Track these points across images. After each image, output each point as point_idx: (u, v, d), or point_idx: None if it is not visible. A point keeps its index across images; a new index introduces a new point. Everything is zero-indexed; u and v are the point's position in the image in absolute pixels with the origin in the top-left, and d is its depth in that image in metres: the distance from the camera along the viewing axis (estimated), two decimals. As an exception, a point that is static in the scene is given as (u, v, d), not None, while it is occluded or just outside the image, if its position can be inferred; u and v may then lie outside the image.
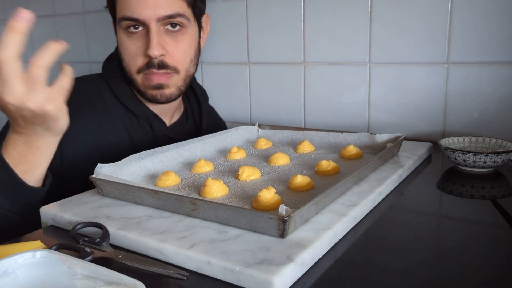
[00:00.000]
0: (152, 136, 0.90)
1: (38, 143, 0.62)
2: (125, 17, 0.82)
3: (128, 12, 0.81)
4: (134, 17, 0.81)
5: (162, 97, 0.86)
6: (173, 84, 0.86)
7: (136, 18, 0.81)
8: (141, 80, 0.85)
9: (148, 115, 0.89)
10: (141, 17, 0.81)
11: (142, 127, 0.89)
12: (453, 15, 0.91)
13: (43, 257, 0.39)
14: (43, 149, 0.63)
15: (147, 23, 0.81)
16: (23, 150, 0.62)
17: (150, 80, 0.84)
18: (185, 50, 0.86)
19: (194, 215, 0.53)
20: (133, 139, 0.87)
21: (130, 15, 0.81)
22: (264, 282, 0.39)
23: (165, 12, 0.81)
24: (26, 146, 0.62)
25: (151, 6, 0.80)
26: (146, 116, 0.89)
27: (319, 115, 1.11)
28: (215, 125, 1.09)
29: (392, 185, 0.66)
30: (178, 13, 0.82)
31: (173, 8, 0.82)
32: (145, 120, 0.89)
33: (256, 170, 0.70)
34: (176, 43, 0.84)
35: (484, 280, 0.42)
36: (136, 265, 0.45)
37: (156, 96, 0.86)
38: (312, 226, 0.49)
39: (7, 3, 1.80)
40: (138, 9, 0.80)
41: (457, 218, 0.59)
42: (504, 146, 0.78)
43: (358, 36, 1.02)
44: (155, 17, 0.81)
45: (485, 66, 0.90)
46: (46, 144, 0.63)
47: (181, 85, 0.88)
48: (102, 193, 0.63)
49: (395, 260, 0.46)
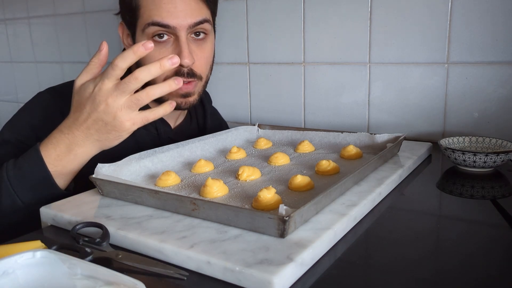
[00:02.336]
0: (157, 138, 0.90)
1: (78, 151, 0.65)
2: (155, 22, 0.80)
3: (158, 18, 0.79)
4: (165, 23, 0.79)
5: (186, 105, 0.87)
6: (196, 91, 0.87)
7: (167, 24, 0.79)
8: None
9: None
10: (172, 24, 0.79)
11: (148, 130, 0.89)
12: (453, 15, 0.91)
13: (43, 257, 0.39)
14: (80, 157, 0.66)
15: (177, 31, 0.80)
16: (61, 152, 0.65)
17: (179, 89, 0.83)
18: (208, 57, 0.88)
19: (194, 215, 0.53)
20: (138, 141, 0.87)
21: (160, 20, 0.79)
22: (264, 282, 0.39)
23: (195, 19, 0.81)
24: (66, 150, 0.65)
25: (181, 14, 0.80)
26: None
27: (319, 115, 1.11)
28: (219, 127, 1.09)
29: (392, 185, 0.66)
30: (205, 19, 0.83)
31: (202, 15, 0.83)
32: (151, 123, 0.89)
33: (256, 170, 0.70)
34: (201, 52, 0.85)
35: (484, 280, 0.42)
36: (136, 265, 0.45)
37: (180, 104, 0.86)
38: (312, 226, 0.49)
39: (7, 3, 1.80)
40: (168, 17, 0.79)
41: (457, 218, 0.59)
42: (504, 146, 0.78)
43: (358, 36, 1.02)
44: (186, 25, 0.80)
45: (485, 66, 0.90)
46: (85, 154, 0.66)
47: (201, 91, 0.89)
48: (102, 193, 0.63)
49: (395, 260, 0.46)
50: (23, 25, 1.76)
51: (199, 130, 1.01)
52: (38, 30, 1.72)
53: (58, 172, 0.65)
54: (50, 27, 1.66)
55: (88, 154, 0.67)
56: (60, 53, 1.66)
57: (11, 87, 1.91)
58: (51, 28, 1.65)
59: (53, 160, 0.65)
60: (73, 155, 0.65)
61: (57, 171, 0.65)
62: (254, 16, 1.16)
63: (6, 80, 1.92)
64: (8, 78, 1.91)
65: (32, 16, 1.72)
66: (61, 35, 1.64)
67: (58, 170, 0.65)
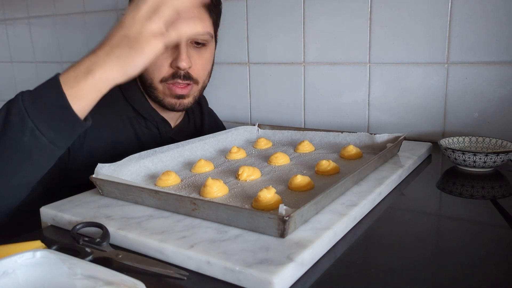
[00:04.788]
0: (158, 138, 0.93)
1: (97, 71, 0.61)
2: None
3: None
4: None
5: (180, 106, 0.90)
6: (191, 94, 0.90)
7: None
8: (163, 89, 0.88)
9: (156, 118, 0.92)
10: None
11: (149, 129, 0.92)
12: (453, 15, 0.91)
13: (43, 257, 0.39)
14: (99, 81, 0.61)
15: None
16: (80, 73, 0.61)
17: (173, 90, 0.87)
18: (206, 64, 0.91)
19: (194, 215, 0.53)
20: (141, 140, 0.90)
21: None
22: (264, 282, 0.39)
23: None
24: (86, 70, 0.61)
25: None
26: (154, 119, 0.92)
27: (319, 115, 1.11)
28: (216, 126, 1.11)
29: (392, 185, 0.66)
30: (206, 32, 0.87)
31: (204, 27, 0.85)
32: (153, 122, 0.92)
33: (256, 170, 0.70)
34: (200, 57, 0.88)
35: (483, 279, 0.42)
36: (136, 265, 0.45)
37: (174, 105, 0.89)
38: (312, 226, 0.49)
39: (7, 3, 1.80)
40: None
41: (457, 218, 0.59)
42: (504, 146, 0.78)
43: (358, 36, 1.02)
44: None
45: (485, 66, 0.90)
46: (104, 77, 0.62)
47: (196, 95, 0.93)
48: (102, 193, 0.63)
49: (395, 260, 0.46)
50: (23, 25, 1.76)
51: (196, 129, 1.04)
52: (38, 30, 1.72)
53: (73, 95, 0.61)
54: (50, 27, 1.65)
55: (106, 79, 0.62)
56: (60, 53, 1.66)
57: (11, 87, 1.91)
58: (51, 28, 1.65)
59: (71, 82, 0.61)
60: (91, 76, 0.61)
61: (72, 94, 0.61)
62: (254, 16, 1.16)
63: (6, 80, 1.92)
64: (8, 78, 1.91)
65: (32, 16, 1.72)
66: (61, 35, 1.63)
67: (74, 93, 0.61)
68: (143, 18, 0.61)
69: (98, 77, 0.61)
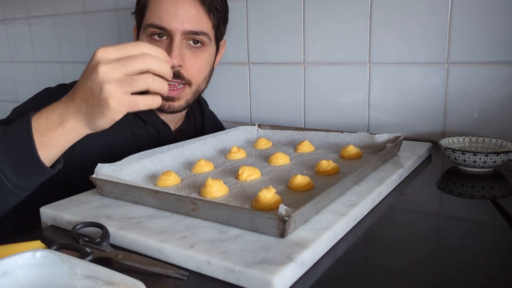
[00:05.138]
0: (158, 141, 0.91)
1: (67, 123, 0.60)
2: (153, 24, 0.84)
3: (156, 20, 0.83)
4: (162, 26, 0.83)
5: (170, 108, 0.88)
6: (183, 96, 0.88)
7: (164, 27, 0.83)
8: None
9: (156, 122, 0.91)
10: (169, 27, 0.83)
11: (149, 132, 0.91)
12: (453, 15, 0.91)
13: (43, 257, 0.39)
14: (68, 131, 0.61)
15: (172, 34, 0.83)
16: (51, 122, 0.60)
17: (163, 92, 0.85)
18: (201, 66, 0.89)
19: (194, 215, 0.53)
20: (140, 143, 0.88)
21: (158, 23, 0.83)
22: (264, 282, 0.39)
23: (192, 27, 0.84)
24: (58, 120, 0.60)
25: (180, 19, 0.83)
26: (154, 122, 0.91)
27: (319, 115, 1.11)
28: (217, 129, 1.10)
29: (392, 185, 0.66)
30: (203, 32, 0.86)
31: (200, 26, 0.85)
32: (153, 126, 0.91)
33: (256, 170, 0.70)
34: (195, 58, 0.87)
35: (484, 280, 0.42)
36: (136, 265, 0.45)
37: (163, 107, 0.87)
38: (312, 226, 0.49)
39: (7, 3, 1.80)
40: (167, 19, 0.83)
41: (457, 218, 0.59)
42: (504, 146, 0.78)
43: (358, 36, 1.02)
44: (182, 29, 0.83)
45: (485, 66, 0.90)
46: (73, 129, 0.61)
47: (190, 98, 0.90)
48: (102, 193, 0.63)
49: (395, 260, 0.46)
50: (23, 25, 1.76)
51: (197, 132, 1.03)
52: (38, 30, 1.72)
53: (43, 144, 0.60)
54: (50, 27, 1.65)
55: (76, 131, 0.61)
56: (60, 53, 1.66)
57: (11, 87, 1.91)
58: (51, 28, 1.65)
59: (42, 130, 0.60)
60: (62, 127, 0.60)
61: (42, 142, 0.60)
62: (254, 16, 1.16)
63: (6, 80, 1.92)
64: (8, 78, 1.91)
65: (32, 16, 1.72)
66: (61, 35, 1.63)
67: (44, 141, 0.60)
68: (112, 79, 0.56)
69: (68, 129, 0.60)
